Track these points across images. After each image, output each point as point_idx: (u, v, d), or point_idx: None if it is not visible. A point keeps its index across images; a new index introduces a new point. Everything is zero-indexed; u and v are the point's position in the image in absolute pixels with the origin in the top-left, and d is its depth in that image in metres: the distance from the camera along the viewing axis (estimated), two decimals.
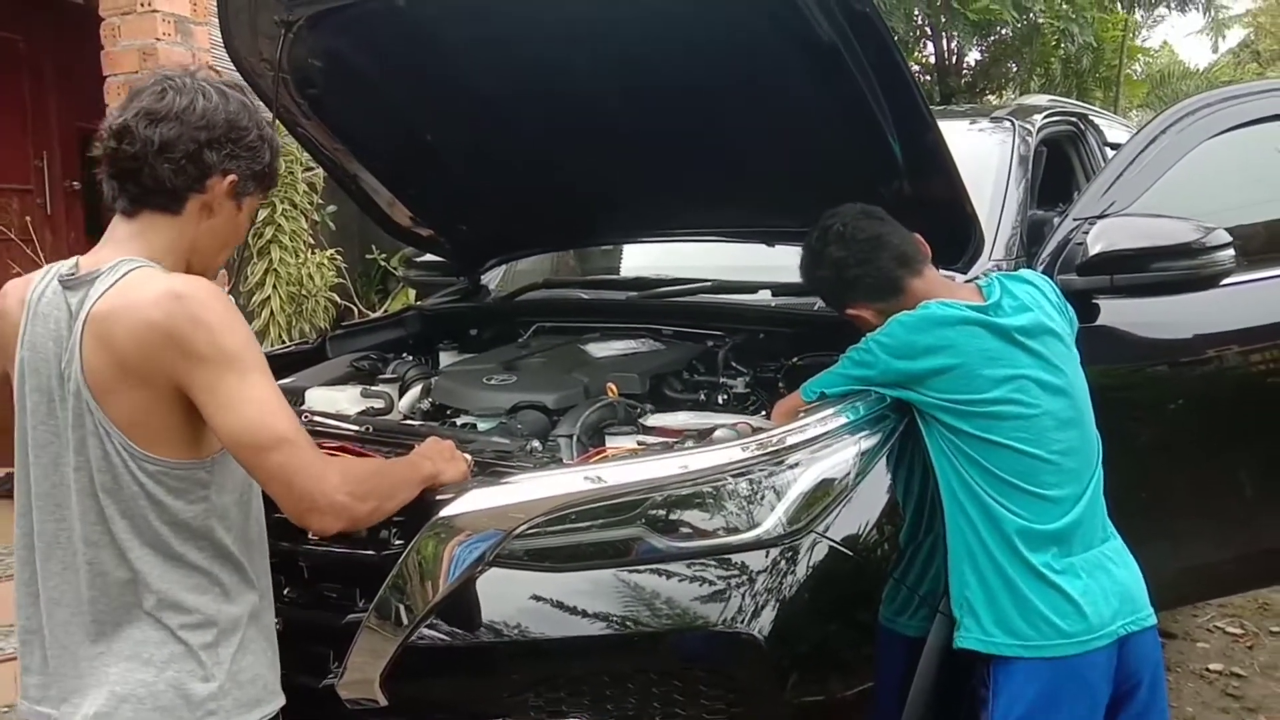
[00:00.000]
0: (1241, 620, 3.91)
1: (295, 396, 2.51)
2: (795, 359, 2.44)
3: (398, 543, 1.77)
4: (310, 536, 1.86)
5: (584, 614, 1.68)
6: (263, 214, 4.95)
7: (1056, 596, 1.83)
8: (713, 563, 1.70)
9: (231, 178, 1.50)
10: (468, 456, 1.85)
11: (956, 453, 1.89)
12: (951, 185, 2.14)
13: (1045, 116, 3.31)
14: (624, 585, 1.69)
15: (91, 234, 5.26)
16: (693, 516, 1.73)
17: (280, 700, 1.55)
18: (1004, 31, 10.05)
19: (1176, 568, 2.67)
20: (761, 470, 1.77)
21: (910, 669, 1.91)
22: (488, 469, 1.88)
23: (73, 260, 1.50)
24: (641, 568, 1.69)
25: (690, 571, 1.69)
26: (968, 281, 2.15)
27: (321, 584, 1.85)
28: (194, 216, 1.50)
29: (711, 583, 1.68)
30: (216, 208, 1.51)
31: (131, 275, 1.42)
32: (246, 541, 1.52)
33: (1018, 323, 1.92)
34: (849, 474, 1.82)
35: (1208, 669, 3.52)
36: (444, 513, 1.71)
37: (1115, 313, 2.59)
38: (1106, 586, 1.87)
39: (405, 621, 1.69)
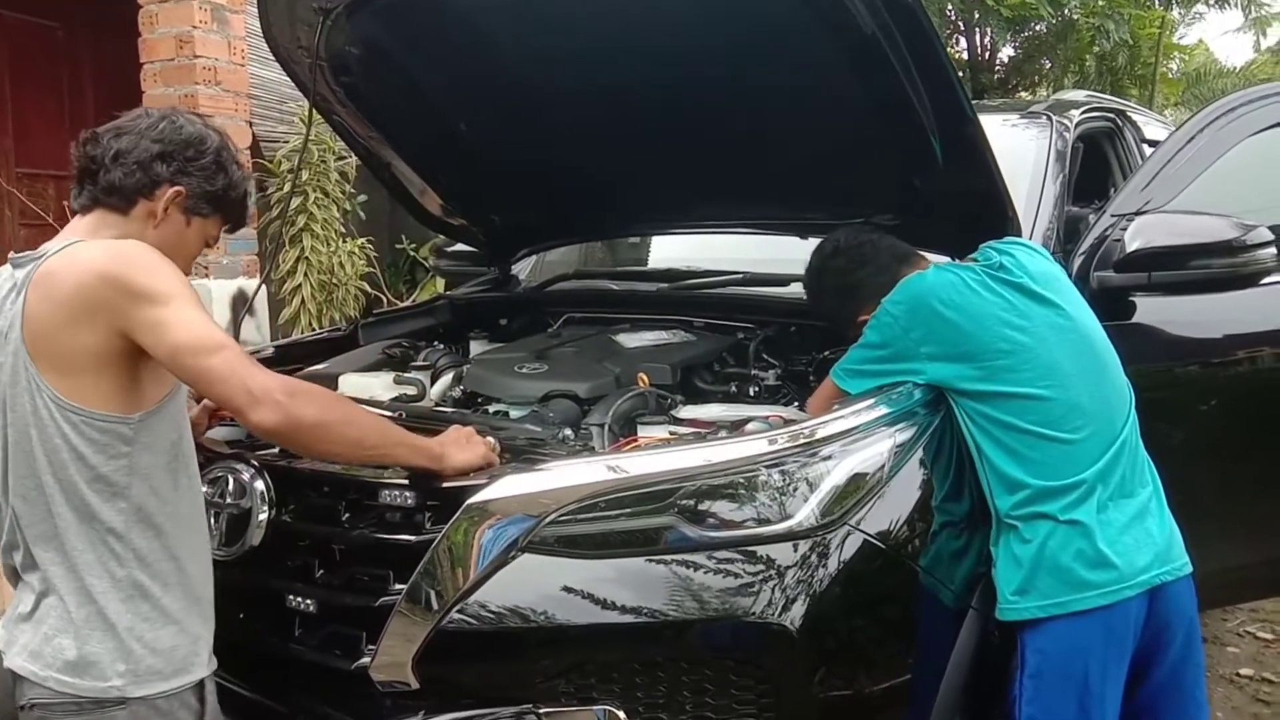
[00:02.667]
0: (1273, 626, 3.87)
1: (329, 382, 2.53)
2: (826, 352, 2.42)
3: (431, 527, 1.78)
4: (343, 520, 1.89)
5: (615, 602, 1.68)
6: (295, 202, 4.98)
7: (1085, 547, 1.82)
8: (745, 553, 1.69)
9: (178, 189, 1.64)
10: (492, 441, 1.86)
11: (982, 419, 1.89)
12: (990, 179, 2.12)
13: (1083, 112, 3.27)
14: (656, 574, 1.68)
15: None
16: (726, 507, 1.72)
17: (201, 672, 1.61)
18: (1038, 28, 9.96)
19: (1206, 570, 2.64)
20: (795, 462, 1.76)
21: (944, 662, 1.90)
22: (520, 456, 1.89)
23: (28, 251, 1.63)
24: (674, 557, 1.69)
25: (722, 561, 1.69)
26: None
27: (355, 567, 1.86)
28: (140, 220, 1.63)
29: (743, 573, 1.68)
30: (163, 217, 1.63)
31: (76, 244, 1.56)
32: (173, 514, 1.58)
33: (1025, 274, 1.94)
34: (883, 467, 1.80)
35: (1238, 674, 3.48)
36: (476, 498, 1.72)
37: (1151, 311, 2.57)
38: (1139, 536, 1.86)
39: (437, 606, 1.70)
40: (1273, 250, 2.40)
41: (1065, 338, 1.92)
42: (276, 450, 2.02)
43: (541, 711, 1.68)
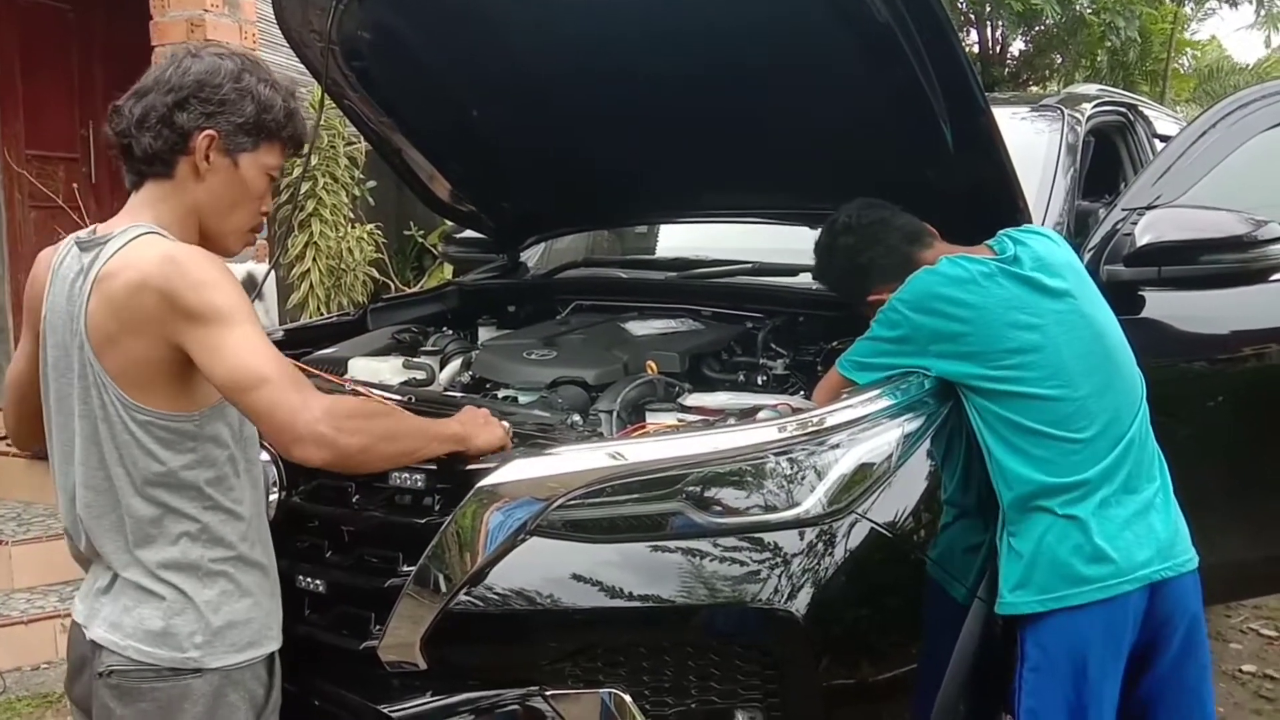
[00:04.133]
0: (1276, 623, 3.88)
1: (338, 366, 2.54)
2: (834, 342, 2.43)
3: (441, 510, 1.79)
4: (353, 501, 1.90)
5: (623, 586, 1.69)
6: (304, 187, 4.99)
7: (1082, 542, 1.83)
8: (752, 540, 1.70)
9: (209, 133, 1.54)
10: (505, 424, 1.87)
11: (989, 415, 1.90)
12: (1001, 171, 2.12)
13: (1094, 105, 3.27)
14: (663, 559, 1.69)
15: None
16: (734, 493, 1.73)
17: (272, 646, 1.62)
18: (1049, 22, 9.91)
19: (1209, 565, 2.64)
20: (803, 450, 1.76)
21: (949, 654, 1.90)
22: (529, 441, 1.89)
23: (91, 228, 1.59)
24: (681, 543, 1.70)
25: (729, 548, 1.69)
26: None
27: (364, 548, 1.87)
28: (187, 178, 1.56)
29: (751, 560, 1.69)
30: (206, 167, 1.55)
31: (138, 240, 1.50)
32: (239, 497, 1.58)
33: (1038, 268, 1.93)
34: (891, 456, 1.81)
35: (1240, 670, 3.49)
36: (485, 482, 1.73)
37: (1160, 305, 2.57)
38: (1141, 531, 1.86)
39: (445, 588, 1.71)
40: None
41: (1076, 334, 1.91)
42: None
43: (548, 693, 1.69)
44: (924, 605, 1.89)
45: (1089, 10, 9.47)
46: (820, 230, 2.20)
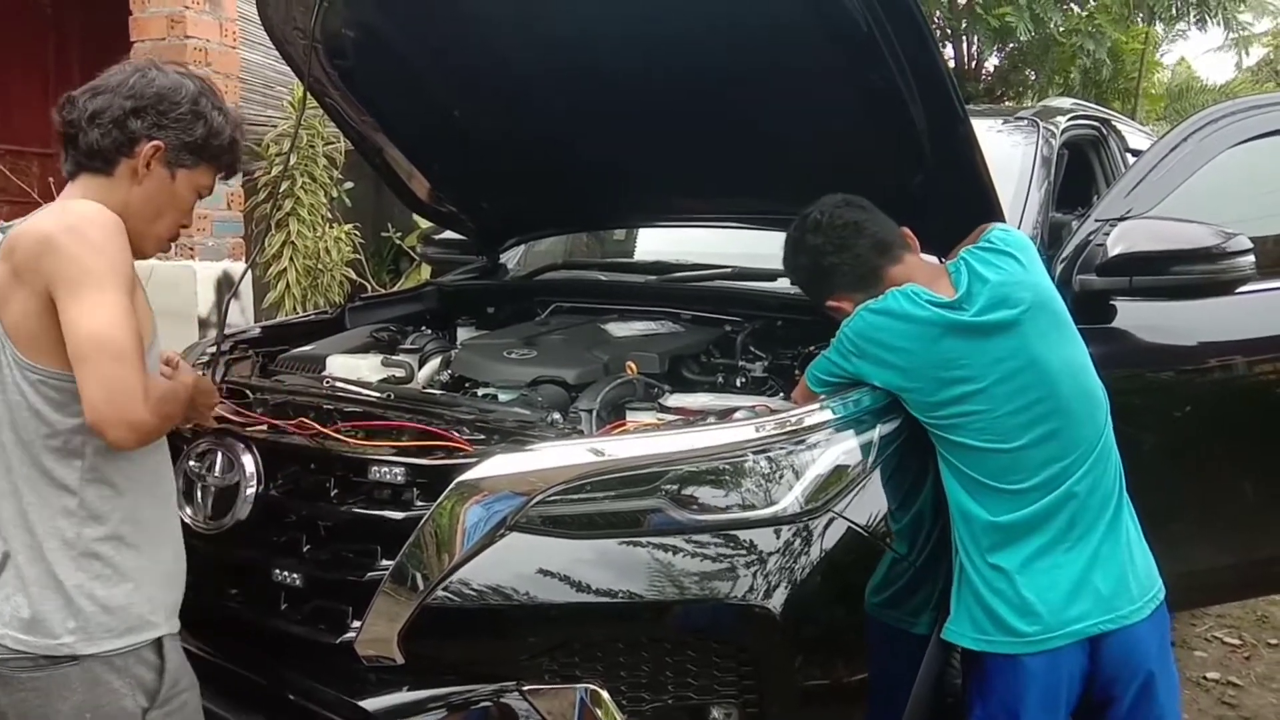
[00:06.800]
0: (1240, 632, 3.93)
1: (316, 363, 2.54)
2: (811, 347, 2.45)
3: (420, 504, 1.79)
4: (332, 497, 1.90)
5: (601, 582, 1.70)
6: (282, 186, 4.96)
7: (1010, 595, 1.81)
8: (731, 537, 1.72)
9: (156, 143, 1.61)
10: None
11: (936, 447, 1.90)
12: (979, 181, 2.15)
13: (1069, 119, 3.32)
14: (642, 556, 1.71)
15: None
16: (713, 491, 1.74)
17: (157, 631, 1.60)
18: (1023, 39, 10.03)
19: (1175, 573, 2.68)
20: (781, 449, 1.79)
21: (916, 666, 1.92)
22: (510, 437, 1.90)
23: None
24: (660, 539, 1.71)
25: (708, 545, 1.71)
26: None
27: (342, 542, 1.87)
28: (124, 179, 1.62)
29: (728, 556, 1.70)
30: (145, 173, 1.62)
31: (43, 209, 1.56)
32: (132, 474, 1.58)
33: (991, 305, 1.84)
34: (868, 458, 1.84)
35: (1205, 677, 3.54)
36: (466, 476, 1.74)
37: (1130, 316, 2.61)
38: (1077, 583, 1.82)
39: (424, 583, 1.71)
40: (1251, 259, 2.45)
41: (1019, 387, 1.82)
42: (265, 426, 2.03)
43: (526, 689, 1.70)
44: (893, 621, 1.90)
45: (1060, 30, 9.59)
46: (792, 225, 2.13)
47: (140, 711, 1.56)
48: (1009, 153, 3.01)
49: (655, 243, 3.57)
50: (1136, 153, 3.56)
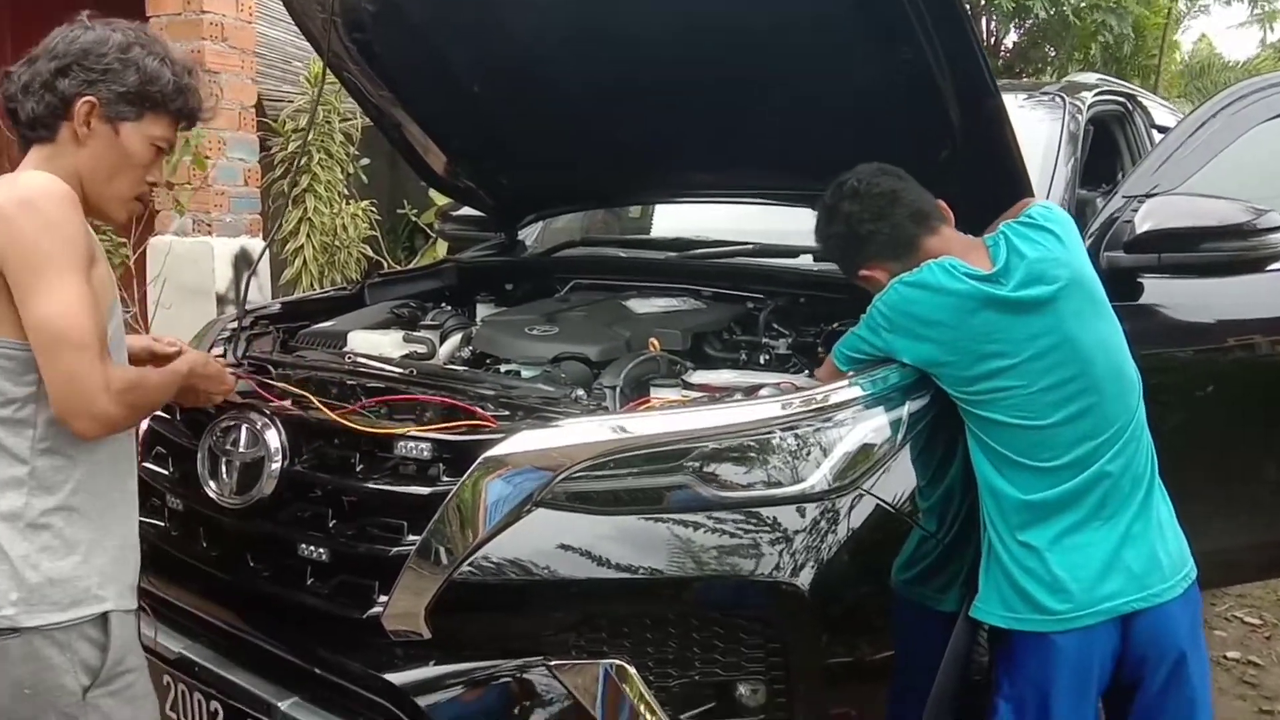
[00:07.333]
0: (1260, 611, 3.92)
1: (337, 339, 2.53)
2: (835, 324, 2.43)
3: (447, 479, 1.78)
4: (357, 472, 1.90)
5: (628, 558, 1.69)
6: (299, 162, 4.95)
7: (1041, 572, 1.80)
8: (758, 514, 1.71)
9: (89, 99, 1.57)
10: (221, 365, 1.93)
11: (966, 423, 1.89)
12: (1009, 157, 2.12)
13: (1095, 94, 3.27)
14: (670, 532, 1.70)
15: None
16: (740, 468, 1.73)
17: (102, 606, 1.56)
18: (1041, 16, 9.93)
19: (1196, 553, 2.66)
20: (809, 425, 1.77)
21: (943, 644, 1.90)
22: (535, 414, 1.89)
23: None
24: (687, 516, 1.70)
25: (736, 522, 1.70)
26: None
27: (368, 517, 1.87)
28: (69, 144, 1.59)
29: (757, 533, 1.69)
30: (87, 133, 1.58)
31: (9, 176, 1.54)
32: (87, 446, 1.56)
33: (1027, 281, 1.81)
34: (896, 435, 1.82)
35: (1225, 656, 3.53)
36: (493, 451, 1.73)
37: (1158, 293, 2.59)
38: (1109, 561, 1.80)
39: (452, 558, 1.71)
40: None
41: (1053, 365, 1.80)
42: (290, 401, 2.03)
43: (552, 664, 1.69)
44: (921, 599, 1.89)
45: (1082, 5, 9.49)
46: (827, 191, 2.08)
47: (81, 690, 1.53)
48: (1034, 128, 2.96)
49: (674, 219, 3.54)
50: (1163, 129, 3.51)
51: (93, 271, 1.53)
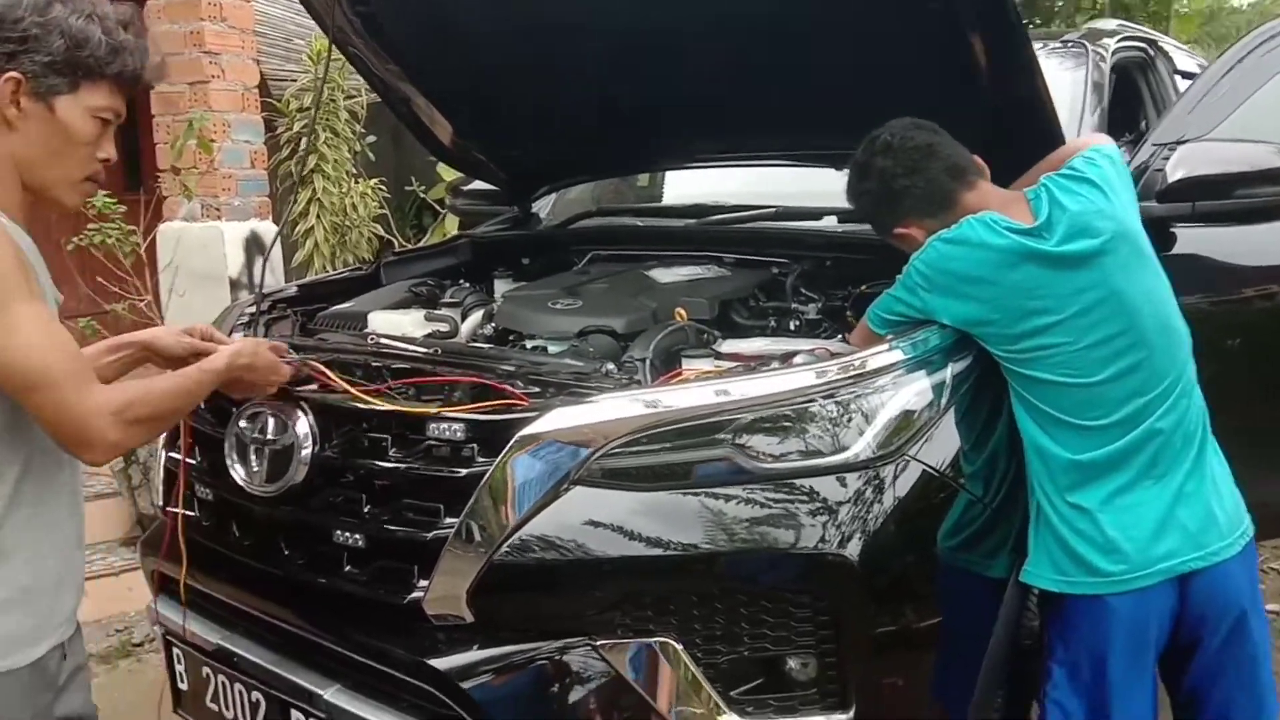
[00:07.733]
0: None
1: (357, 320, 2.50)
2: (863, 286, 2.38)
3: (481, 460, 1.75)
4: (390, 455, 1.87)
5: (671, 534, 1.66)
6: (304, 142, 4.90)
7: (1093, 534, 1.77)
8: (802, 485, 1.67)
9: (12, 76, 1.39)
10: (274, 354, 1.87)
11: (1010, 384, 1.85)
12: (1042, 105, 2.06)
13: (1118, 41, 3.20)
14: (712, 506, 1.66)
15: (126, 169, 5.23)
16: (781, 438, 1.70)
17: (36, 653, 1.45)
18: None
19: None
20: (850, 392, 1.73)
21: (993, 611, 1.87)
22: (567, 390, 1.85)
23: None
24: (730, 490, 1.67)
25: (779, 493, 1.67)
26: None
27: (403, 500, 1.84)
28: (2, 132, 1.41)
29: (801, 505, 1.66)
30: (17, 114, 1.40)
31: None
32: (25, 468, 1.44)
33: (1070, 235, 1.77)
34: (940, 399, 1.78)
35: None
36: (528, 430, 1.70)
37: (1192, 242, 2.53)
38: (1164, 520, 1.77)
39: (491, 540, 1.68)
40: None
41: (1099, 320, 1.76)
42: (316, 386, 1.99)
43: (597, 643, 1.67)
44: (970, 566, 1.85)
45: None
46: (859, 147, 2.02)
47: None
48: (1059, 77, 2.88)
49: (690, 185, 3.48)
50: (1187, 74, 3.44)
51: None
